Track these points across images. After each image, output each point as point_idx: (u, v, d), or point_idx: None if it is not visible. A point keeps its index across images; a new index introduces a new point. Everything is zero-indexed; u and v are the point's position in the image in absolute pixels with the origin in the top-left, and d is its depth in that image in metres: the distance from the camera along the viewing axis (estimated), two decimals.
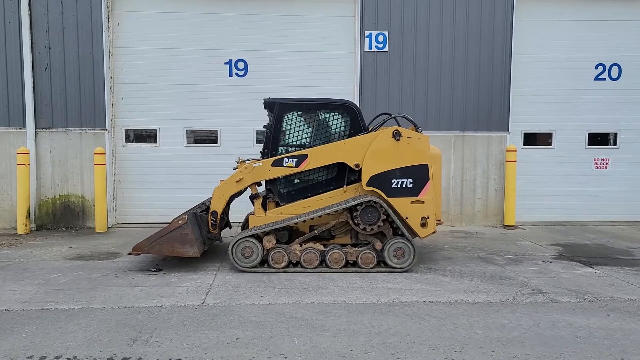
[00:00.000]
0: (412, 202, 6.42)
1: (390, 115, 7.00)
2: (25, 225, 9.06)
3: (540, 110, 10.30)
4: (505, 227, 9.91)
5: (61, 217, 9.59)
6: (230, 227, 7.94)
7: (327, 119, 6.86)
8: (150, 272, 6.41)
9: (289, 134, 6.83)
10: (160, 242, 6.46)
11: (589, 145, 10.46)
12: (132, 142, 9.86)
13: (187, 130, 9.86)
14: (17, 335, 4.33)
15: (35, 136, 9.38)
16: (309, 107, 6.82)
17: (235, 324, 4.62)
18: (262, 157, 6.83)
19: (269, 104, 6.81)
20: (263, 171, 6.68)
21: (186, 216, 6.49)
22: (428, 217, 6.45)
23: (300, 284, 5.90)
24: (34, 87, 9.27)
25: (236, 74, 9.83)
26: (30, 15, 9.16)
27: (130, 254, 6.68)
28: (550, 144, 10.42)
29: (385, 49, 9.74)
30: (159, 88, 9.69)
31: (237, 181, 6.74)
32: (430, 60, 9.87)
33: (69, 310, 4.96)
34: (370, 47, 9.72)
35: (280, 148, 6.79)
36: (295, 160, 6.59)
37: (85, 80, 9.40)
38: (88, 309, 5.00)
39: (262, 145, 6.89)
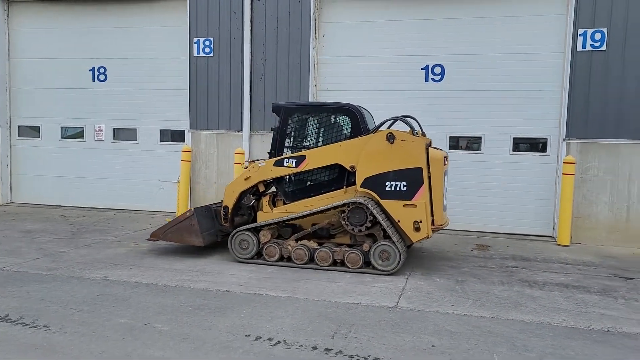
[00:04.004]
0: (404, 206, 6.37)
1: (396, 118, 6.85)
2: None
3: None
4: None
5: None
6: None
7: (329, 122, 7.11)
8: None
9: (293, 136, 7.22)
10: (172, 230, 7.14)
11: None
12: None
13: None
14: (237, 314, 4.93)
15: (250, 138, 10.56)
16: (312, 111, 7.23)
17: (430, 330, 4.60)
18: (270, 157, 7.20)
19: (276, 108, 7.25)
20: (266, 170, 7.07)
21: (193, 208, 7.11)
22: (421, 222, 6.31)
23: (497, 298, 5.62)
24: (250, 95, 10.44)
25: (432, 79, 9.77)
26: (251, 31, 10.33)
27: (148, 239, 7.40)
28: None
29: (603, 48, 8.69)
30: (356, 94, 10.07)
31: (245, 179, 7.18)
32: None
33: (277, 297, 5.47)
34: (584, 47, 8.77)
35: (285, 149, 7.15)
36: (294, 161, 6.90)
37: (292, 88, 10.26)
38: (293, 298, 5.45)
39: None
